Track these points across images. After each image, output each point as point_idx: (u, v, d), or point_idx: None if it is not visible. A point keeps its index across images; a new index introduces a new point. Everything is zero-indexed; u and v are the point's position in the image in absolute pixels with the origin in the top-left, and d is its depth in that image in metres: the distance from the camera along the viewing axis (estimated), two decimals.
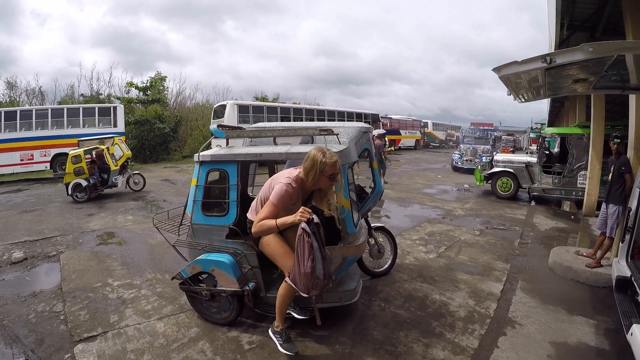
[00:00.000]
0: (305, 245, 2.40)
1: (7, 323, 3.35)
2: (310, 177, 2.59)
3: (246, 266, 3.17)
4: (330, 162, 2.56)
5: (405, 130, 31.57)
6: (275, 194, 2.57)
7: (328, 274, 2.53)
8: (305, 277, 2.43)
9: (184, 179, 12.99)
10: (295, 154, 3.16)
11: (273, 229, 2.50)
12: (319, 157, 2.56)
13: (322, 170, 2.56)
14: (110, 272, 4.54)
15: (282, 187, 2.58)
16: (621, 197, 4.41)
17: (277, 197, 2.56)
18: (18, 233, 6.22)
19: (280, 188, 2.57)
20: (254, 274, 3.19)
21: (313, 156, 2.58)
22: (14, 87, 25.49)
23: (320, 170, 2.56)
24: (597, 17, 6.65)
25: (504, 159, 10.61)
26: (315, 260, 2.42)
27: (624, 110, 7.44)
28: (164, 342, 3.05)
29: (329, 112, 22.47)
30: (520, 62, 3.41)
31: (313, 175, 2.57)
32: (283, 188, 2.57)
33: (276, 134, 3.52)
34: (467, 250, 5.62)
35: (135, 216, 7.46)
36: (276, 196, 2.57)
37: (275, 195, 2.57)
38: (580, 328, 3.44)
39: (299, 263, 2.45)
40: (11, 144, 13.19)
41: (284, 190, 2.57)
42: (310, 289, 2.47)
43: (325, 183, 2.64)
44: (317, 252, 2.43)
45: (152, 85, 24.26)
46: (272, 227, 2.49)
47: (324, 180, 2.61)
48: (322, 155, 2.57)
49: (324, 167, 2.55)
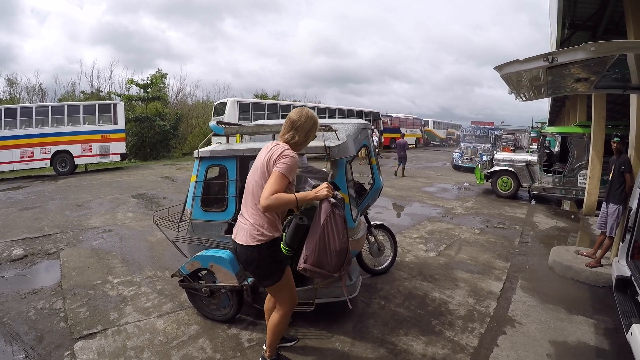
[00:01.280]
0: (338, 220, 2.27)
1: (7, 320, 3.35)
2: (310, 138, 2.41)
3: None
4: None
5: (406, 128, 31.57)
6: (285, 164, 2.16)
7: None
8: (340, 254, 2.29)
9: (184, 176, 12.98)
10: None
11: (292, 202, 2.13)
12: (316, 117, 2.44)
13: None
14: (110, 270, 4.54)
15: (288, 155, 2.21)
16: (621, 197, 4.40)
17: (286, 166, 2.17)
18: (18, 230, 6.22)
19: (289, 157, 2.20)
20: None
21: (311, 115, 2.39)
22: (14, 84, 25.56)
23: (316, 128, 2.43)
24: (599, 17, 6.64)
25: (505, 158, 10.61)
26: (347, 235, 2.33)
27: (625, 109, 7.43)
28: (163, 340, 3.05)
29: (329, 110, 22.49)
30: (522, 61, 3.41)
31: (312, 135, 2.41)
32: (290, 155, 2.21)
33: (274, 130, 3.52)
34: (467, 248, 5.62)
35: (135, 213, 7.46)
36: (286, 167, 2.16)
37: (286, 165, 2.16)
38: (579, 327, 3.44)
39: (330, 242, 2.26)
40: (11, 141, 13.17)
41: (292, 157, 2.21)
42: (341, 267, 2.33)
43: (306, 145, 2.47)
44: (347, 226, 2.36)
45: (153, 82, 24.29)
46: (291, 201, 2.12)
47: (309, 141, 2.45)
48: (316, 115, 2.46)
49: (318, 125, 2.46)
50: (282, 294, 2.43)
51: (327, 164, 3.27)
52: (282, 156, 2.19)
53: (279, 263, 2.32)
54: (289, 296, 2.44)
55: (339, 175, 3.08)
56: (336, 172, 3.07)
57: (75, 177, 13.35)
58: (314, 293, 3.16)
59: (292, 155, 2.21)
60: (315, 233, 2.26)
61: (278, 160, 2.19)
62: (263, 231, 2.24)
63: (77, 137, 14.21)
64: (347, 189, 3.14)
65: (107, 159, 15.11)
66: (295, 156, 2.22)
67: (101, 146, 14.70)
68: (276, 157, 2.21)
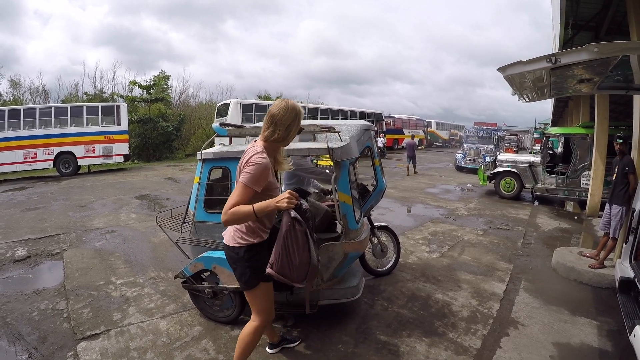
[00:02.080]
0: (299, 235, 2.05)
1: (10, 321, 3.36)
2: (292, 132, 2.19)
3: None
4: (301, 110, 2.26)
5: (409, 129, 31.55)
6: (248, 174, 2.01)
7: (317, 257, 2.22)
8: (301, 268, 2.08)
9: (187, 177, 13.01)
10: (297, 151, 3.18)
11: (250, 216, 1.96)
12: (299, 108, 2.22)
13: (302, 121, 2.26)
14: (113, 270, 4.56)
15: (253, 162, 2.03)
16: (625, 198, 4.38)
17: (250, 175, 2.01)
18: (21, 231, 6.24)
19: (254, 164, 2.02)
20: None
21: (293, 106, 2.18)
22: (17, 85, 25.67)
23: (301, 120, 2.24)
24: (601, 17, 6.63)
25: (508, 159, 10.59)
26: (312, 249, 2.12)
27: (628, 110, 7.41)
28: (166, 341, 3.06)
29: (332, 111, 22.49)
30: (525, 62, 3.41)
31: (294, 128, 2.19)
32: (255, 162, 2.02)
33: None
34: (470, 250, 5.61)
35: (138, 214, 7.48)
36: (250, 175, 2.01)
37: (249, 175, 2.01)
38: (583, 329, 3.42)
39: (291, 255, 2.06)
40: (15, 142, 13.24)
41: (257, 164, 2.02)
42: (303, 280, 2.13)
43: (294, 136, 2.26)
44: (311, 240, 2.13)
45: (156, 83, 24.36)
46: (249, 213, 1.95)
47: (293, 135, 2.24)
48: (299, 106, 2.25)
49: (302, 117, 2.25)
50: (256, 305, 2.30)
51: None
52: (247, 164, 2.04)
53: (254, 270, 2.20)
54: (263, 308, 2.30)
55: (342, 177, 3.08)
56: (339, 173, 3.07)
57: (79, 178, 13.41)
58: (317, 294, 3.16)
59: (258, 161, 2.02)
60: (279, 242, 2.09)
61: (244, 167, 2.06)
62: (242, 235, 2.19)
63: (80, 138, 14.28)
64: (350, 191, 3.14)
65: (110, 160, 15.17)
66: (262, 162, 2.03)
67: (104, 147, 14.76)
68: (244, 164, 2.08)
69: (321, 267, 3.02)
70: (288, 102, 2.21)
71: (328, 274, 3.15)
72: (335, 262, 3.12)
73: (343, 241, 3.10)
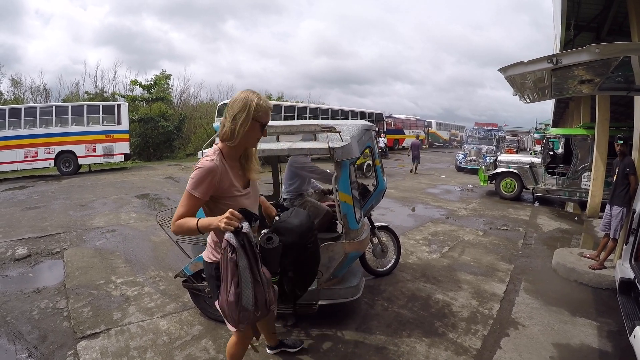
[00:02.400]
0: (228, 264, 1.67)
1: (10, 319, 3.37)
2: (239, 125, 1.84)
3: None
4: (266, 105, 1.92)
5: (409, 129, 31.55)
6: (191, 179, 1.82)
7: (265, 302, 1.75)
8: (230, 307, 1.70)
9: (187, 177, 12.86)
10: (298, 150, 3.19)
11: (193, 230, 1.76)
12: (253, 97, 1.89)
13: (257, 114, 1.88)
14: (113, 270, 4.56)
15: (197, 166, 1.85)
16: (625, 199, 4.38)
17: (192, 181, 1.82)
18: (22, 230, 6.25)
19: (196, 169, 1.84)
20: None
21: (244, 96, 1.88)
22: (18, 84, 25.67)
23: (255, 112, 1.87)
24: (603, 18, 6.62)
25: (508, 160, 10.59)
26: (242, 285, 1.68)
27: (629, 111, 7.40)
28: (167, 340, 3.06)
29: (333, 112, 22.46)
30: (527, 63, 3.41)
31: (243, 120, 1.84)
32: (197, 166, 1.85)
33: (278, 131, 3.52)
34: (470, 250, 5.61)
35: (138, 214, 7.48)
36: (191, 180, 1.82)
37: (191, 181, 1.82)
38: (583, 330, 3.42)
39: (224, 287, 1.72)
40: (15, 141, 13.27)
41: (199, 168, 1.82)
42: (237, 322, 1.74)
43: (256, 134, 1.93)
44: (245, 273, 1.68)
45: (157, 83, 24.34)
46: (192, 228, 1.75)
47: (255, 130, 1.91)
48: (255, 95, 1.91)
49: (259, 109, 1.89)
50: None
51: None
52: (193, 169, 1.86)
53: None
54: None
55: (342, 177, 3.08)
56: (340, 173, 3.07)
57: (79, 177, 13.42)
58: (317, 294, 3.16)
59: (201, 164, 1.83)
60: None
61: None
62: (212, 251, 1.98)
63: (81, 137, 14.30)
64: (351, 191, 3.15)
65: (111, 159, 15.19)
66: (204, 164, 1.82)
67: (105, 146, 14.78)
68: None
69: (321, 267, 3.02)
70: (246, 91, 1.93)
71: (328, 273, 3.15)
72: (336, 261, 3.13)
73: (343, 241, 3.12)
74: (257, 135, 1.94)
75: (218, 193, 1.87)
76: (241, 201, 1.91)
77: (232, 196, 1.90)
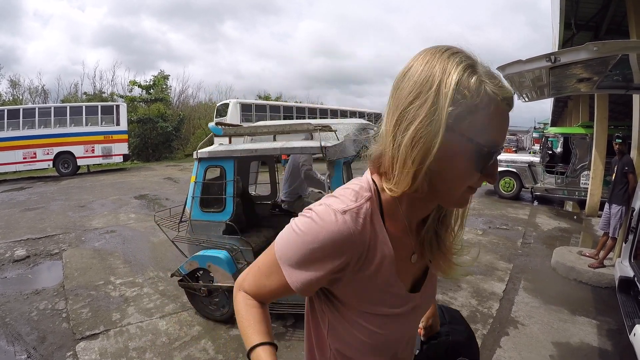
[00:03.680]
0: None
1: (9, 321, 3.36)
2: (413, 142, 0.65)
3: (242, 262, 3.21)
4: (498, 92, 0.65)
5: None
6: (275, 243, 0.75)
7: None
8: None
9: (186, 177, 13.00)
10: (290, 149, 3.18)
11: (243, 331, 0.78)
12: (451, 70, 0.64)
13: (463, 119, 0.64)
14: (112, 270, 4.55)
15: (288, 226, 0.74)
16: (624, 198, 4.38)
17: (286, 246, 0.73)
18: (21, 231, 6.23)
19: (285, 230, 0.75)
20: None
21: (428, 68, 0.66)
22: (17, 85, 25.64)
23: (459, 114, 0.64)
24: (601, 17, 6.63)
25: (507, 159, 10.57)
26: None
27: (628, 110, 7.41)
28: (166, 341, 3.06)
29: (331, 111, 22.45)
30: (525, 61, 3.40)
31: (423, 129, 0.64)
32: (306, 215, 0.72)
33: (272, 130, 3.51)
34: (470, 250, 5.59)
35: (137, 214, 7.47)
36: (285, 245, 0.73)
37: (273, 246, 0.76)
38: (582, 328, 3.42)
39: None
40: (14, 142, 13.23)
41: (289, 232, 0.73)
42: None
43: (467, 170, 0.72)
44: None
45: (155, 83, 24.31)
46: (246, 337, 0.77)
47: (466, 158, 0.69)
48: (461, 66, 0.65)
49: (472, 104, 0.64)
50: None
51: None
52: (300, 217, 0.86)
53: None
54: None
55: (336, 176, 3.06)
56: (333, 172, 3.06)
57: (78, 178, 13.40)
58: None
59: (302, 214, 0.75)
60: None
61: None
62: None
63: (79, 138, 14.27)
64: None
65: (110, 160, 15.17)
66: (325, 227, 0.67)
67: (104, 147, 14.75)
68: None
69: None
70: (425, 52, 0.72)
71: None
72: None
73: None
74: (469, 174, 0.74)
75: (347, 296, 0.77)
76: (393, 325, 0.82)
77: (380, 314, 0.79)
